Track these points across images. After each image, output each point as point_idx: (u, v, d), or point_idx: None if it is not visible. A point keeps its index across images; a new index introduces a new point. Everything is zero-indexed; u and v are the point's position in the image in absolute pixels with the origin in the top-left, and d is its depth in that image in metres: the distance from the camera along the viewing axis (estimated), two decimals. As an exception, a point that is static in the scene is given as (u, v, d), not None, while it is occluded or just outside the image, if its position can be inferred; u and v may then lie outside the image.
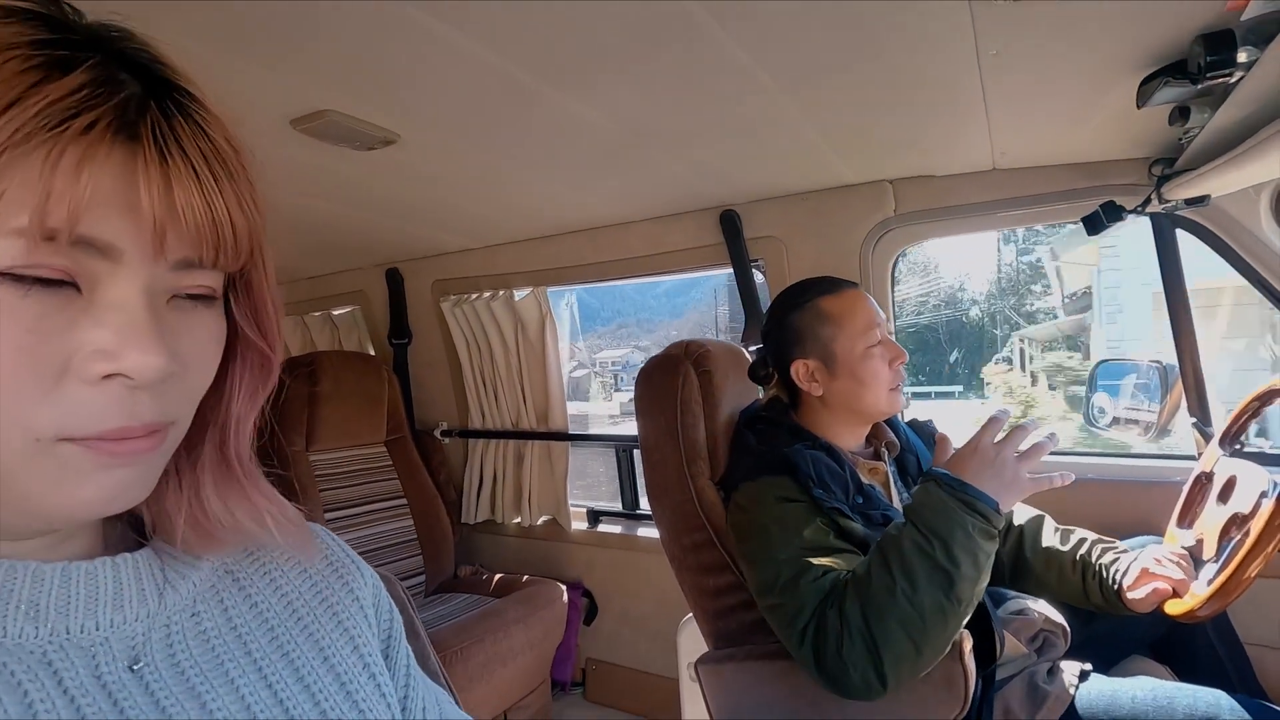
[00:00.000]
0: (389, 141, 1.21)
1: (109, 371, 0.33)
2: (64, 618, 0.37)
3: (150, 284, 0.34)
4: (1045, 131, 1.29)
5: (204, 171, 0.35)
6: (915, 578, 0.90)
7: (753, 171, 1.54)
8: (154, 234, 0.34)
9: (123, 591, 0.39)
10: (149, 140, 0.33)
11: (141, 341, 0.33)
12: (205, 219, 0.35)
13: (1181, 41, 0.88)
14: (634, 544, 2.18)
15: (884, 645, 0.89)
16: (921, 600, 0.89)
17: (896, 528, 0.97)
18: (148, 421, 0.35)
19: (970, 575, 0.90)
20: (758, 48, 0.95)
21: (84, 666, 0.36)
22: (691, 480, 1.24)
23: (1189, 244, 1.37)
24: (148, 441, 0.35)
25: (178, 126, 0.35)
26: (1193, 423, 1.45)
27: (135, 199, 0.33)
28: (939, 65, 1.00)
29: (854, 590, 0.94)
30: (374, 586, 0.54)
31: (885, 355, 1.18)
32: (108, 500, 0.35)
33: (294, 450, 2.05)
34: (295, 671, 0.44)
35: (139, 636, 0.39)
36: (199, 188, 0.34)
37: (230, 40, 0.87)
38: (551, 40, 0.91)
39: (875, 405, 1.19)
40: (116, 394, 0.34)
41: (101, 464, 0.34)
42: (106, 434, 0.34)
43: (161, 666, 0.39)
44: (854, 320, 1.19)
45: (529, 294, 2.18)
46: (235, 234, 0.37)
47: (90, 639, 0.37)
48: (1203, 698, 0.94)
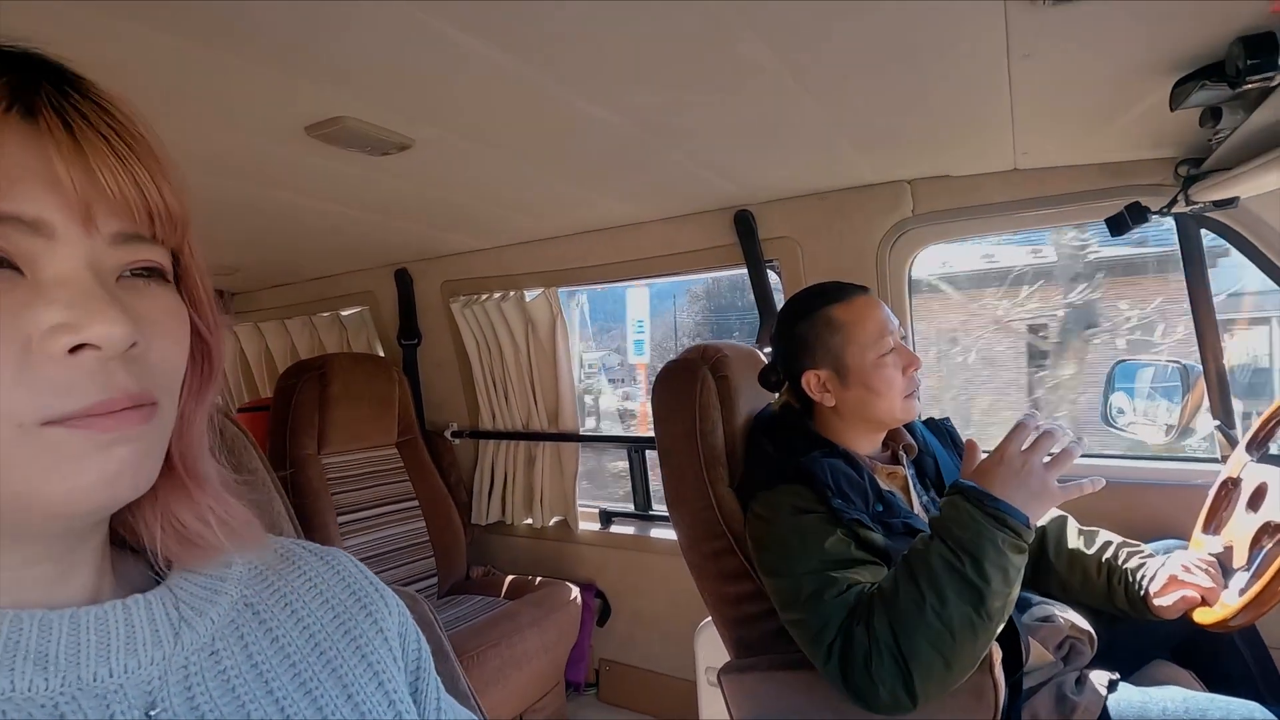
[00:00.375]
0: (403, 147, 1.20)
1: (74, 343, 0.32)
2: (75, 666, 0.35)
3: (93, 259, 0.34)
4: (1070, 132, 1.27)
5: (117, 143, 0.35)
6: (944, 594, 0.89)
7: (768, 171, 1.52)
8: (79, 205, 0.33)
9: (135, 635, 0.38)
10: (49, 113, 0.33)
11: (99, 310, 0.33)
12: (131, 190, 0.35)
13: (1220, 43, 0.85)
14: (646, 545, 2.17)
15: (913, 662, 0.88)
16: (951, 616, 0.88)
17: (923, 542, 0.95)
18: (130, 392, 0.34)
19: (1001, 590, 0.89)
20: (784, 48, 0.93)
21: (97, 717, 0.35)
22: (711, 486, 1.23)
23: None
24: (135, 414, 0.34)
25: (78, 103, 0.34)
26: (1216, 425, 1.44)
27: (52, 172, 0.33)
28: (967, 66, 0.98)
29: (881, 606, 0.93)
30: (399, 615, 0.52)
31: (899, 363, 1.16)
32: (110, 482, 0.34)
33: (305, 453, 2.04)
34: (317, 708, 0.43)
35: (155, 681, 0.38)
36: (116, 159, 0.34)
37: (247, 48, 0.86)
38: (566, 42, 0.89)
39: (890, 414, 1.17)
40: (89, 367, 0.33)
41: (95, 443, 0.33)
42: (90, 409, 0.33)
43: (179, 710, 0.38)
44: (865, 329, 1.16)
45: (540, 295, 2.17)
46: (167, 204, 0.36)
47: (104, 687, 0.36)
48: (1236, 710, 0.93)
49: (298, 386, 2.07)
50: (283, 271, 2.56)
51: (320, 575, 0.50)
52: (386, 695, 0.47)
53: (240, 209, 1.58)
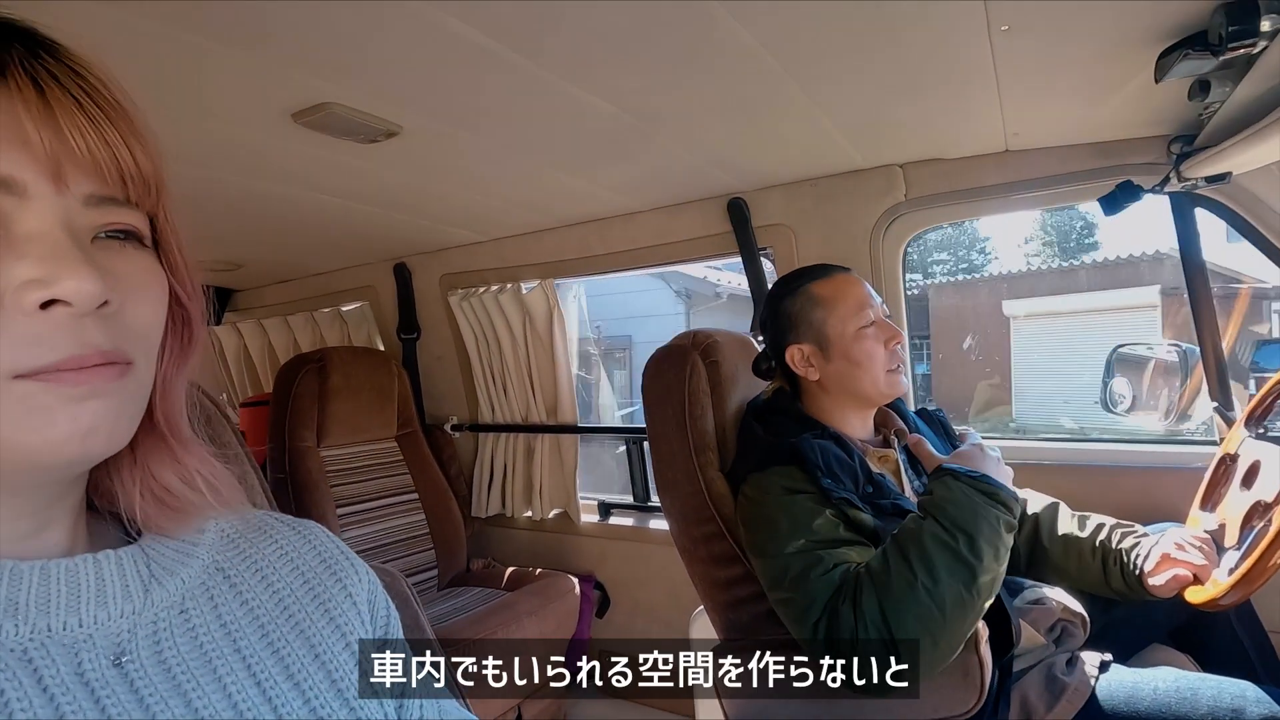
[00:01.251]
0: (391, 133, 1.21)
1: (45, 298, 0.32)
2: (44, 615, 0.36)
3: (66, 219, 0.34)
4: (1059, 110, 1.26)
5: (89, 104, 0.35)
6: (936, 572, 0.89)
7: (760, 158, 1.52)
8: (49, 162, 0.34)
9: (105, 588, 0.39)
10: (18, 73, 0.33)
11: (71, 266, 0.33)
12: (101, 150, 0.35)
13: (1202, 11, 0.85)
14: (645, 536, 2.17)
15: (900, 640, 0.88)
16: (942, 594, 0.88)
17: (915, 521, 0.95)
18: (102, 349, 0.34)
19: (991, 568, 0.90)
20: (764, 31, 0.93)
21: (65, 663, 0.35)
22: (700, 471, 1.23)
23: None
24: (108, 370, 0.35)
25: (50, 66, 0.34)
26: (1214, 407, 1.42)
27: (22, 131, 0.33)
28: (949, 43, 0.98)
29: (870, 584, 0.92)
30: (370, 584, 0.53)
31: (879, 336, 1.17)
32: (83, 435, 0.34)
33: (305, 446, 2.05)
34: (286, 670, 0.43)
35: (124, 633, 0.38)
36: (86, 119, 0.34)
37: (227, 34, 0.87)
38: (554, 26, 0.90)
39: (874, 387, 1.17)
40: (61, 322, 0.33)
41: (66, 397, 0.33)
42: (61, 363, 0.33)
43: (147, 663, 0.38)
44: (845, 301, 1.19)
45: (536, 286, 2.17)
46: (139, 167, 0.37)
47: (73, 635, 0.36)
48: (1228, 689, 0.92)
49: (297, 379, 2.08)
50: (284, 268, 2.59)
51: (292, 544, 0.50)
52: (354, 658, 0.47)
53: (236, 202, 1.59)
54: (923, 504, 0.98)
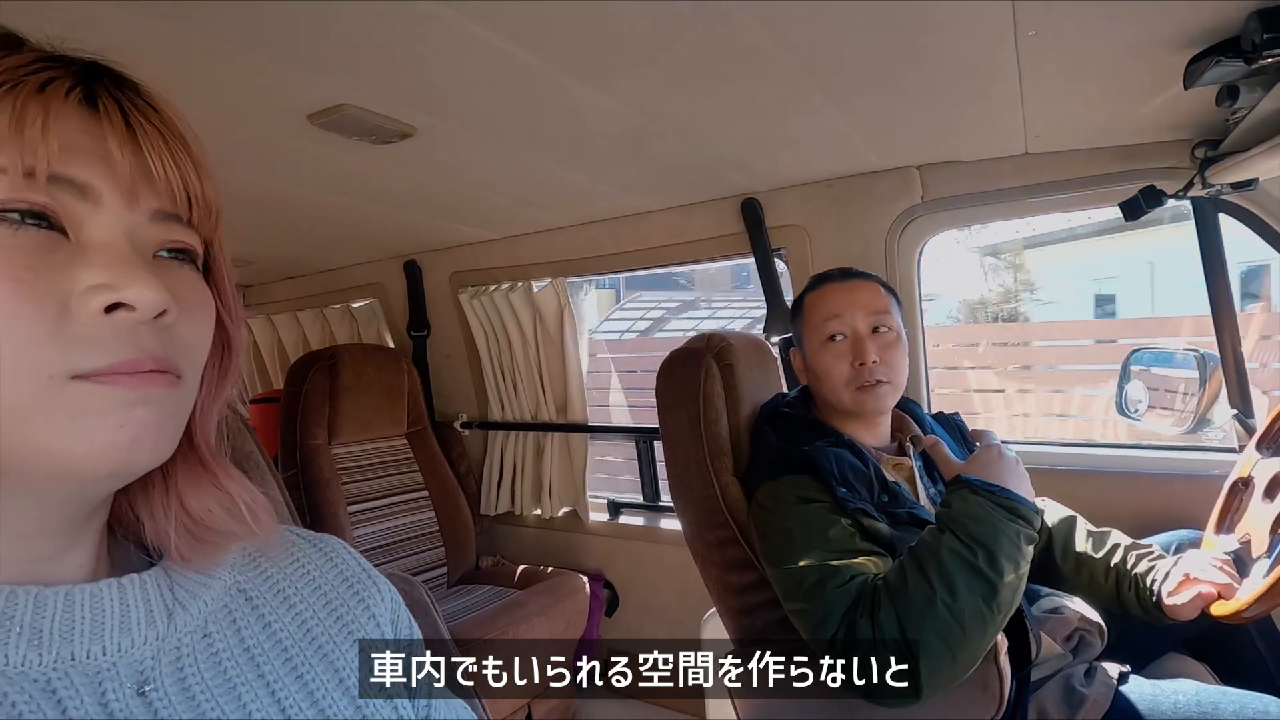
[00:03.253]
0: (406, 135, 1.20)
1: (110, 301, 0.34)
2: (68, 643, 0.36)
3: (131, 231, 0.37)
4: (1082, 114, 1.24)
5: (167, 135, 0.38)
6: (955, 587, 0.88)
7: (775, 158, 1.50)
8: (127, 179, 0.36)
9: (130, 614, 0.39)
10: (108, 102, 0.37)
11: (136, 274, 0.34)
12: (175, 175, 0.38)
13: (1235, 18, 0.83)
14: (655, 536, 2.17)
15: (921, 655, 0.87)
16: (962, 609, 0.87)
17: (932, 535, 0.94)
18: (156, 355, 0.35)
19: (1012, 583, 0.89)
20: (783, 32, 0.91)
21: (89, 693, 0.35)
22: (715, 476, 1.22)
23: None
24: (160, 378, 0.36)
25: (133, 99, 0.38)
26: (1234, 414, 1.40)
27: (106, 149, 0.36)
28: (973, 47, 0.96)
29: (888, 599, 0.91)
30: (392, 601, 0.52)
31: (844, 353, 1.16)
32: (128, 445, 0.34)
33: (316, 444, 2.05)
34: (309, 694, 0.43)
35: (148, 660, 0.38)
36: (165, 146, 0.38)
37: (246, 36, 0.86)
38: (570, 28, 0.89)
39: (838, 401, 1.17)
40: (123, 326, 0.34)
41: (118, 400, 0.34)
42: (117, 366, 0.34)
43: (170, 690, 0.38)
44: (815, 312, 1.20)
45: (547, 285, 2.16)
46: (204, 194, 0.40)
47: (96, 664, 0.36)
48: (1251, 704, 0.91)
49: (308, 377, 2.08)
50: (295, 264, 2.58)
51: (313, 562, 0.50)
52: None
53: (249, 200, 1.59)
54: (940, 517, 0.96)
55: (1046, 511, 1.30)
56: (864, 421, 1.21)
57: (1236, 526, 1.09)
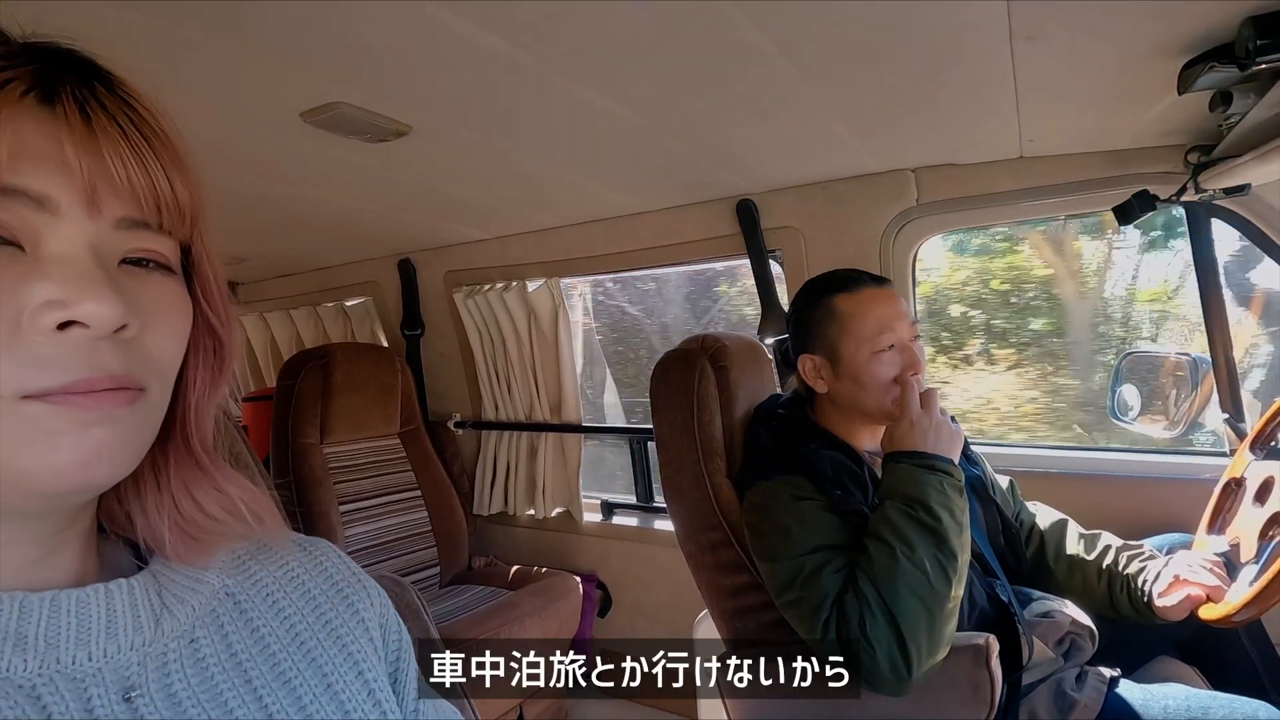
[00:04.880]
0: (400, 133, 1.19)
1: (63, 319, 0.32)
2: (54, 649, 0.35)
3: (95, 242, 0.35)
4: (1076, 118, 1.24)
5: (133, 134, 0.35)
6: (909, 539, 0.97)
7: (771, 160, 1.50)
8: (85, 186, 0.34)
9: (116, 620, 0.38)
10: (68, 100, 0.34)
11: (93, 289, 0.33)
12: (140, 178, 0.35)
13: (1228, 24, 0.83)
14: (648, 536, 2.17)
15: (901, 615, 0.93)
16: (921, 558, 0.95)
17: (878, 510, 1.02)
18: (114, 373, 0.34)
19: (953, 527, 0.98)
20: (778, 33, 0.91)
21: (74, 700, 0.35)
22: (708, 477, 1.22)
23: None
24: (119, 396, 0.34)
25: (101, 95, 0.35)
26: (1225, 418, 1.41)
27: (62, 154, 0.33)
28: (969, 51, 0.96)
29: (863, 572, 0.98)
30: (381, 606, 0.52)
31: (896, 362, 1.12)
32: (85, 463, 0.33)
33: (308, 443, 2.04)
34: (296, 699, 0.43)
35: (134, 666, 0.38)
36: (128, 147, 0.35)
37: (239, 32, 0.85)
38: (565, 28, 0.88)
39: (880, 409, 1.14)
40: (76, 344, 0.33)
41: (73, 421, 0.33)
42: (71, 386, 0.33)
43: (156, 697, 0.38)
44: (863, 322, 1.13)
45: (542, 285, 2.16)
46: (176, 198, 0.37)
47: (82, 670, 0.36)
48: (1240, 708, 0.92)
49: (301, 376, 2.07)
50: (288, 262, 2.57)
51: (302, 566, 0.50)
52: (366, 685, 0.46)
53: (242, 198, 1.57)
54: (879, 493, 1.05)
55: (1038, 515, 1.30)
56: (872, 428, 1.20)
57: (1227, 529, 1.10)
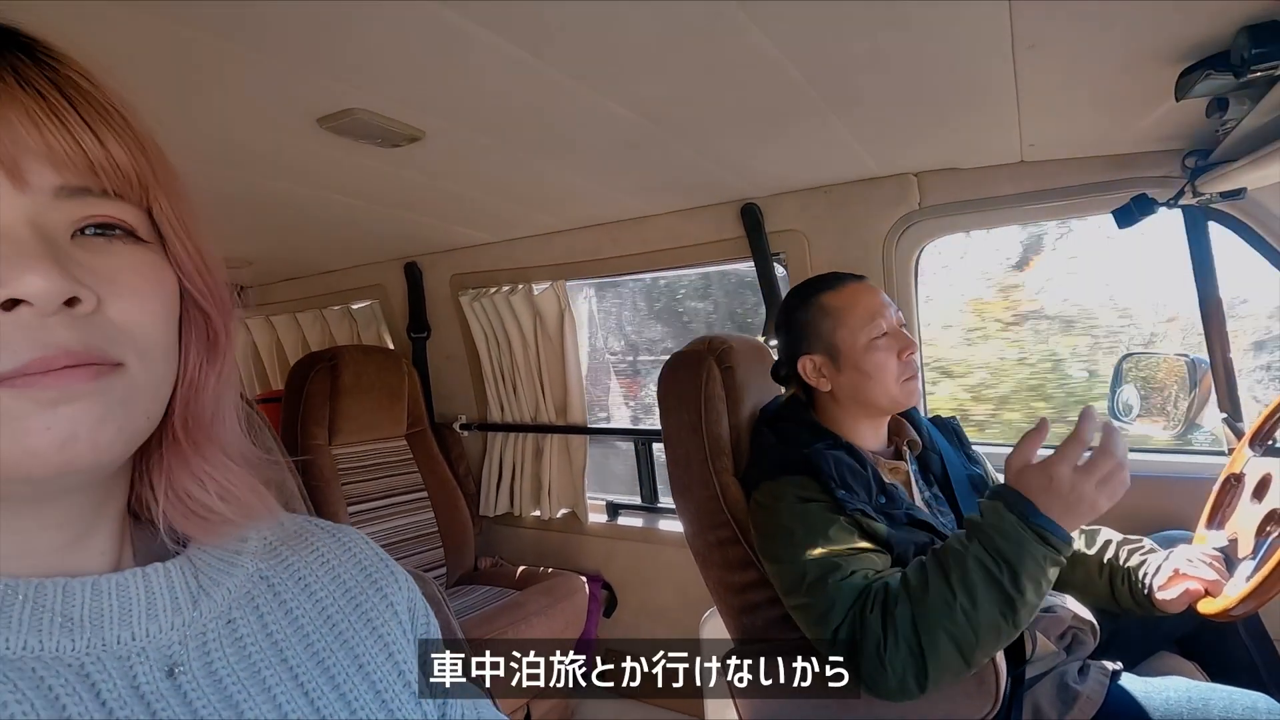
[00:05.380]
0: (414, 139, 1.21)
1: (3, 298, 0.31)
2: (99, 630, 0.36)
3: (34, 215, 0.33)
4: (1076, 124, 1.27)
5: (51, 94, 0.33)
6: (976, 597, 0.89)
7: (775, 164, 1.52)
8: (4, 158, 0.32)
9: (156, 601, 0.39)
10: None
11: (31, 263, 0.31)
12: (63, 141, 0.33)
13: (1225, 33, 0.85)
14: (653, 537, 2.18)
15: (931, 655, 0.89)
16: (979, 619, 0.89)
17: (960, 542, 0.94)
18: (70, 350, 0.32)
19: (1033, 602, 0.90)
20: (786, 40, 0.93)
21: (120, 676, 0.36)
22: (716, 476, 1.24)
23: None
24: (82, 372, 0.33)
25: (12, 60, 0.33)
26: (1223, 418, 1.43)
27: None
28: (972, 58, 0.99)
29: (905, 598, 0.93)
30: (408, 589, 0.53)
31: (892, 346, 1.17)
32: (61, 444, 0.32)
33: (316, 444, 2.06)
34: (330, 678, 0.44)
35: (176, 645, 0.39)
36: (43, 108, 0.33)
37: (258, 40, 0.87)
38: (577, 34, 0.90)
39: (886, 397, 1.17)
40: (25, 323, 0.31)
41: (36, 402, 0.31)
42: (25, 368, 0.31)
43: (199, 674, 0.39)
44: (854, 312, 1.18)
45: (548, 288, 2.18)
46: (112, 158, 0.35)
47: (126, 649, 0.37)
48: (1239, 700, 0.93)
49: (310, 378, 2.09)
50: (295, 265, 2.59)
51: (332, 551, 0.51)
52: (397, 667, 0.48)
53: (252, 201, 1.60)
54: (970, 523, 0.96)
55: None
56: (876, 422, 1.23)
57: (1226, 524, 1.12)
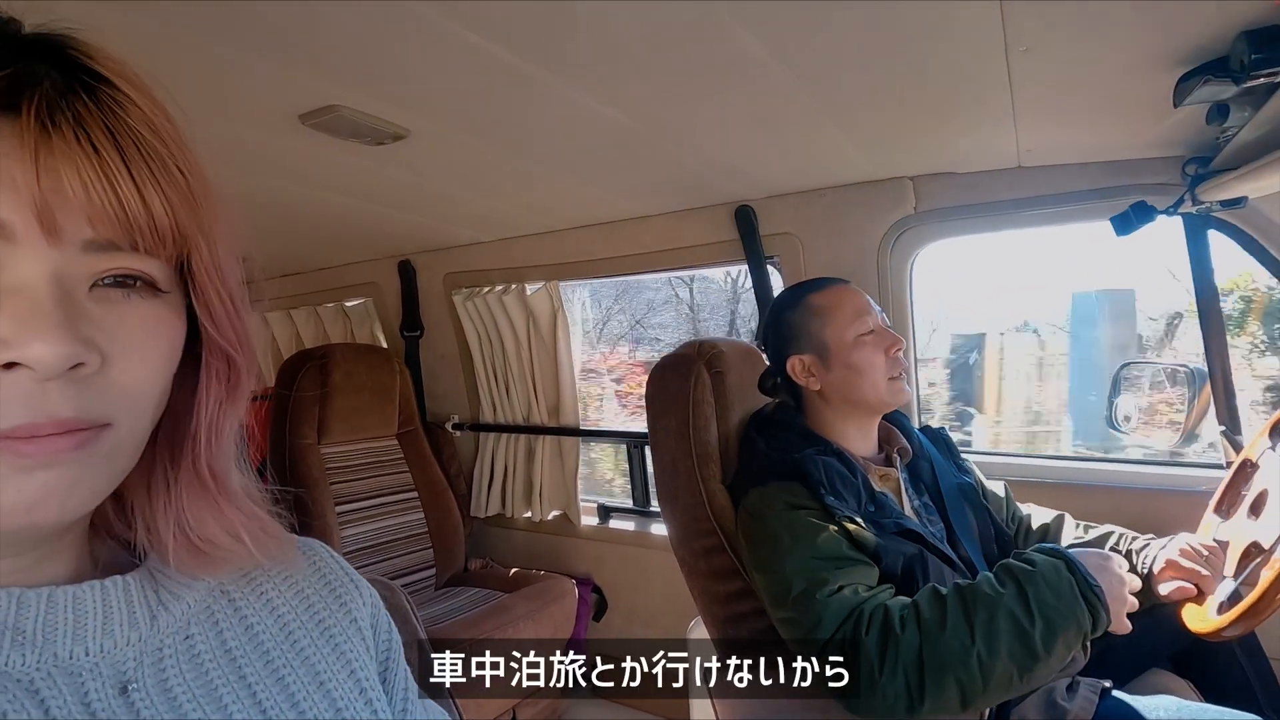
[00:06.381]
0: (398, 137, 1.20)
1: (5, 361, 0.30)
2: (51, 644, 0.35)
3: (59, 269, 0.32)
4: (1074, 129, 1.25)
5: (104, 147, 0.32)
6: (998, 648, 0.86)
7: (769, 166, 1.51)
8: (36, 210, 0.31)
9: (112, 615, 0.38)
10: (29, 114, 0.31)
11: (41, 327, 0.31)
12: (106, 198, 0.32)
13: (1223, 38, 0.83)
14: (644, 541, 2.17)
15: (931, 693, 0.86)
16: (994, 670, 0.85)
17: (993, 587, 0.90)
18: (61, 418, 0.32)
19: (1054, 666, 0.87)
20: (776, 41, 0.92)
21: (71, 694, 0.35)
22: (703, 483, 1.22)
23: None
24: (66, 440, 0.32)
25: (77, 104, 0.32)
26: (1221, 430, 1.41)
27: (12, 173, 0.31)
28: (965, 60, 0.97)
29: (915, 629, 0.90)
30: (372, 605, 0.52)
31: (879, 343, 1.17)
32: (28, 508, 0.32)
33: (305, 443, 2.04)
34: (289, 696, 0.43)
35: (130, 661, 0.38)
36: (93, 164, 0.32)
37: (238, 36, 0.86)
38: (563, 34, 0.89)
39: (875, 394, 1.17)
40: (21, 387, 0.31)
41: (14, 467, 0.31)
42: (12, 431, 0.31)
43: (152, 691, 0.38)
44: (842, 310, 1.19)
45: (541, 288, 2.16)
46: (152, 217, 0.34)
47: (79, 665, 0.36)
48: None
49: (299, 376, 2.07)
50: (288, 262, 2.57)
51: (295, 564, 0.50)
52: (358, 684, 0.47)
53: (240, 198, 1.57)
54: (1013, 570, 0.91)
55: (1034, 514, 1.31)
56: (866, 425, 1.22)
57: (1230, 518, 1.09)
